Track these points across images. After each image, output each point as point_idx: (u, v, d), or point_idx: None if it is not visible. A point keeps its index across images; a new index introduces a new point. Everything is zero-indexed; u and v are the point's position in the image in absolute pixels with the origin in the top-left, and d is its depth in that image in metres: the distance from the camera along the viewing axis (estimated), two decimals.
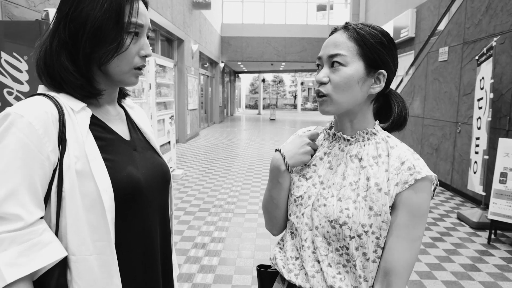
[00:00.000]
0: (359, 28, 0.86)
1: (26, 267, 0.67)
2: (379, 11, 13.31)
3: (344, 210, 0.85)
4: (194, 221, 4.03)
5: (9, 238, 0.66)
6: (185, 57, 10.57)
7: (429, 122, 6.29)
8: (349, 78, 0.85)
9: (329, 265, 0.88)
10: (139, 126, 0.98)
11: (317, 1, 20.36)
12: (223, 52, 17.53)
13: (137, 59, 0.84)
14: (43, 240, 0.70)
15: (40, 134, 0.71)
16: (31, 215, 0.69)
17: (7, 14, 3.16)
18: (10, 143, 0.69)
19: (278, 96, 46.95)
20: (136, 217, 0.84)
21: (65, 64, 0.79)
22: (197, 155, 8.34)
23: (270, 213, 1.02)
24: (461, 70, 5.29)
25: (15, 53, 2.51)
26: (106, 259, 0.76)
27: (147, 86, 4.98)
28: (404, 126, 0.96)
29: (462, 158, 5.10)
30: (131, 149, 0.88)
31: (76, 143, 0.75)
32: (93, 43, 0.79)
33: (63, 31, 0.79)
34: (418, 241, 0.85)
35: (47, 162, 0.72)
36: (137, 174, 0.83)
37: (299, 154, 0.93)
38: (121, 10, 0.79)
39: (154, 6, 7.65)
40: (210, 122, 16.67)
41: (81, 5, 0.77)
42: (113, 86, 0.89)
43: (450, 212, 4.52)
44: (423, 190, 0.84)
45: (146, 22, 0.85)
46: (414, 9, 9.53)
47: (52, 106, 0.75)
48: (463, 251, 3.37)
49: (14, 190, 0.68)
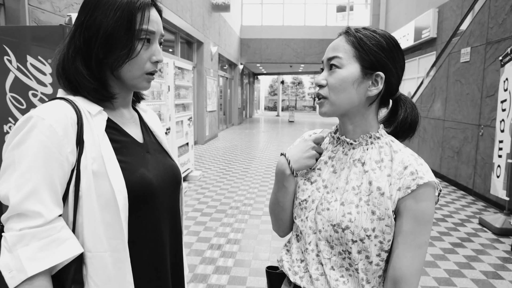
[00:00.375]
0: (357, 32, 0.88)
1: (45, 261, 0.71)
2: (400, 11, 13.10)
3: (347, 215, 0.86)
4: (210, 222, 4.07)
5: (30, 234, 0.70)
6: (204, 59, 10.69)
7: (450, 125, 6.14)
8: (344, 79, 0.86)
9: (332, 268, 0.89)
10: (152, 129, 1.01)
11: (337, 2, 20.21)
12: (242, 54, 17.62)
13: (149, 65, 0.87)
14: (62, 236, 0.74)
15: (60, 136, 0.75)
16: (51, 212, 0.73)
17: (34, 19, 3.29)
18: (32, 145, 0.73)
19: (297, 98, 46.79)
20: (147, 217, 0.87)
21: (79, 68, 0.83)
22: (215, 156, 8.41)
23: (277, 216, 1.03)
24: (484, 71, 5.15)
25: (40, 56, 2.60)
26: (120, 256, 0.79)
27: (166, 88, 5.06)
28: (412, 133, 0.95)
29: (485, 162, 4.96)
30: (144, 151, 0.92)
31: (93, 145, 0.79)
32: (106, 49, 0.82)
33: (78, 38, 0.83)
34: (425, 247, 0.84)
35: (66, 162, 0.76)
36: (149, 176, 0.86)
37: (304, 158, 0.94)
38: (133, 18, 0.82)
39: (174, 9, 7.77)
40: (229, 124, 16.77)
41: (95, 13, 0.82)
42: (127, 91, 0.92)
43: (472, 217, 4.40)
44: (426, 196, 0.83)
45: (158, 29, 0.88)
46: (436, 9, 9.34)
47: (71, 110, 0.79)
48: (485, 258, 3.28)
49: (35, 189, 0.72)
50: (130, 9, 0.82)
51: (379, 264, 0.87)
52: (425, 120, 7.23)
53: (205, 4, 10.71)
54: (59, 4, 3.65)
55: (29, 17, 3.22)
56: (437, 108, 6.72)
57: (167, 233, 0.94)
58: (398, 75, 0.91)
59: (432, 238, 3.73)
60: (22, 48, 2.60)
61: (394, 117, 0.96)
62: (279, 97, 30.28)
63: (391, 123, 0.96)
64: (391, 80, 0.89)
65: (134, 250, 0.83)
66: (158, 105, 4.74)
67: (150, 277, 0.88)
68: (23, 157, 0.72)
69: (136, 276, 0.83)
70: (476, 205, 4.90)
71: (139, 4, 0.83)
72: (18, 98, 2.62)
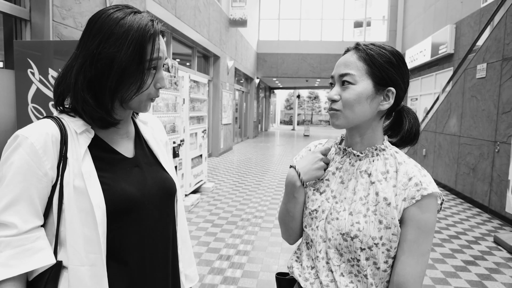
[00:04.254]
0: (369, 49, 0.92)
1: (16, 268, 0.76)
2: (417, 27, 13.08)
3: (355, 224, 0.90)
4: (220, 234, 4.11)
5: (5, 242, 0.76)
6: (221, 72, 10.87)
7: (466, 141, 6.06)
8: (358, 95, 0.90)
9: (341, 275, 0.93)
10: (148, 142, 1.03)
11: (354, 18, 20.32)
12: (259, 68, 17.83)
13: (153, 91, 0.91)
14: (35, 246, 0.79)
15: (40, 153, 0.80)
16: (26, 223, 0.79)
17: (57, 34, 3.46)
18: (15, 161, 0.79)
19: (313, 112, 46.74)
20: (132, 228, 0.89)
21: (87, 100, 0.85)
22: (229, 169, 8.48)
23: (287, 225, 1.07)
24: (500, 87, 5.09)
25: (61, 69, 2.74)
26: (97, 270, 0.82)
27: (181, 100, 5.18)
28: (415, 141, 1.00)
29: (501, 179, 4.87)
30: (132, 165, 0.94)
31: (76, 161, 0.83)
32: (118, 82, 0.85)
33: (90, 70, 0.84)
34: (427, 254, 0.89)
35: (45, 178, 0.81)
36: (130, 190, 0.89)
37: (313, 170, 0.98)
38: (144, 51, 0.85)
39: (192, 24, 7.99)
40: (244, 137, 16.88)
41: (107, 45, 0.83)
42: (128, 113, 0.97)
43: (487, 235, 4.30)
44: (429, 206, 0.88)
45: (164, 55, 0.91)
46: (453, 25, 9.30)
47: (55, 128, 0.83)
48: (498, 277, 3.20)
49: (13, 201, 0.78)
50: (141, 42, 0.84)
51: (387, 270, 0.92)
52: (441, 135, 7.14)
53: (223, 20, 10.96)
54: (81, 20, 3.83)
55: (52, 32, 3.40)
56: (452, 124, 6.65)
57: (158, 243, 0.96)
58: (405, 89, 0.96)
59: (444, 255, 3.67)
60: (45, 62, 2.75)
61: (399, 127, 1.01)
62: (295, 111, 30.34)
63: (395, 133, 1.01)
64: (400, 94, 0.94)
65: (120, 259, 0.86)
66: (173, 117, 4.86)
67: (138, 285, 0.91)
68: (7, 172, 0.79)
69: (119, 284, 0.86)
70: (491, 223, 4.79)
71: (149, 36, 0.85)
72: (39, 109, 2.76)
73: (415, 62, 12.22)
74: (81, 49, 0.87)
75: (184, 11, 7.42)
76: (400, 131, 0.99)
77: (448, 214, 5.16)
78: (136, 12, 0.88)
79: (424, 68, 11.72)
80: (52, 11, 3.38)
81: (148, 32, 0.85)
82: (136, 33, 0.84)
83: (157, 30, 0.88)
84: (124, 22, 0.84)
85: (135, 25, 0.84)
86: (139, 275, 0.91)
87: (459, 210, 5.41)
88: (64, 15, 3.57)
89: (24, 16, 3.29)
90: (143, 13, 0.89)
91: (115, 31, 0.83)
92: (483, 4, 8.02)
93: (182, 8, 7.32)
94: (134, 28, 0.84)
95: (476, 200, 5.55)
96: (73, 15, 3.70)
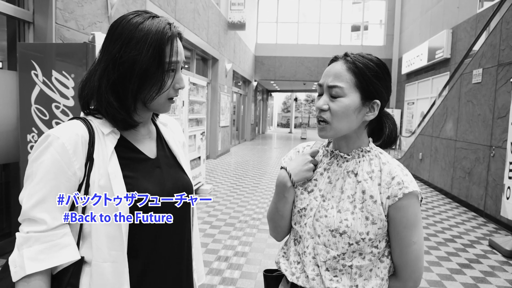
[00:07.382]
0: (358, 61, 0.95)
1: (44, 263, 0.80)
2: (414, 32, 13.20)
3: (344, 221, 0.96)
4: (219, 235, 4.14)
5: (35, 237, 0.81)
6: (219, 75, 10.92)
7: (461, 145, 6.13)
8: (347, 107, 0.95)
9: (326, 269, 0.99)
10: (169, 143, 1.07)
11: (352, 22, 20.44)
12: (257, 71, 17.89)
13: (172, 92, 0.94)
14: (62, 242, 0.83)
15: (70, 154, 0.84)
16: (54, 220, 0.83)
17: (60, 36, 3.49)
18: (46, 160, 0.83)
19: (310, 116, 46.85)
20: (151, 227, 0.93)
21: (111, 102, 0.89)
22: (226, 171, 8.51)
23: (276, 223, 1.12)
24: (495, 93, 5.17)
25: (64, 71, 2.77)
26: (119, 267, 0.85)
27: (180, 103, 5.22)
28: (395, 144, 1.09)
29: (496, 183, 4.93)
30: (155, 166, 0.98)
31: (102, 162, 0.87)
32: (140, 84, 0.88)
33: (112, 73, 0.87)
34: (418, 242, 0.97)
35: (74, 177, 0.85)
36: (153, 190, 0.93)
37: (303, 171, 1.04)
38: (163, 53, 0.88)
39: (191, 27, 8.03)
40: (241, 139, 16.91)
41: (128, 49, 0.86)
42: (149, 114, 1.01)
43: (482, 239, 4.36)
44: (411, 203, 0.95)
45: (182, 58, 0.94)
46: (450, 30, 9.41)
47: (84, 129, 0.87)
48: (493, 280, 3.25)
49: (43, 198, 0.82)
50: (160, 45, 0.87)
51: (371, 259, 0.98)
52: (437, 140, 7.21)
53: (221, 23, 11.01)
54: (83, 22, 3.86)
55: (55, 34, 3.43)
56: (449, 128, 6.72)
57: (173, 243, 0.99)
58: (388, 99, 1.02)
59: (440, 258, 3.72)
60: (48, 63, 2.78)
61: (379, 131, 1.07)
62: (292, 114, 30.43)
63: (377, 138, 1.08)
64: (383, 104, 1.00)
65: (137, 256, 0.90)
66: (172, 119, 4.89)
67: (152, 281, 0.94)
68: (38, 170, 0.83)
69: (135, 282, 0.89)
70: (487, 226, 4.85)
71: (167, 38, 0.89)
72: (42, 110, 2.79)
73: (412, 66, 12.32)
74: (104, 53, 0.90)
75: (183, 14, 7.47)
76: (382, 135, 1.06)
77: (444, 218, 5.22)
78: (154, 16, 0.91)
79: (421, 73, 11.82)
80: (55, 13, 3.41)
81: (166, 35, 0.89)
82: (154, 36, 0.87)
83: (174, 33, 0.91)
84: (143, 26, 0.87)
85: (153, 29, 0.88)
86: (155, 272, 0.95)
87: (454, 213, 5.47)
88: (67, 17, 3.60)
89: (28, 18, 3.33)
90: (161, 18, 0.92)
91: (135, 35, 0.87)
92: (479, 9, 8.13)
93: (182, 11, 7.37)
94: (152, 31, 0.87)
95: (472, 204, 5.62)
96: (75, 17, 3.73)
